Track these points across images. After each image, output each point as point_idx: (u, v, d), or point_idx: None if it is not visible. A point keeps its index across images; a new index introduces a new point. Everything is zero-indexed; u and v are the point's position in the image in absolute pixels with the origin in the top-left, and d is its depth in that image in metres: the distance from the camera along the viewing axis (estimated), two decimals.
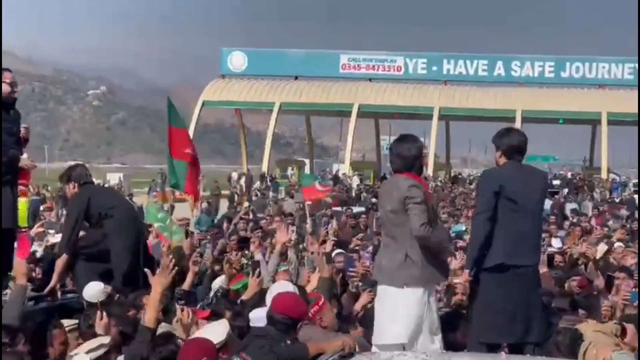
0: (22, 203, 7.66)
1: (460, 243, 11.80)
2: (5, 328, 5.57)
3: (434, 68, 51.45)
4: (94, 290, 6.84)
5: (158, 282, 5.61)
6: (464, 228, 14.76)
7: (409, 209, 5.93)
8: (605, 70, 49.70)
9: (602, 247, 10.70)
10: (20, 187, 7.62)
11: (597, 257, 10.15)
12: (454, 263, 9.16)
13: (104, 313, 6.10)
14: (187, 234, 12.64)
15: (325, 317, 6.36)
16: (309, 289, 7.39)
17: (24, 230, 8.79)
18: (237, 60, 52.71)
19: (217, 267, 9.68)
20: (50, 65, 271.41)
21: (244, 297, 7.13)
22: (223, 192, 38.72)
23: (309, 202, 15.46)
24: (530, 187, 6.43)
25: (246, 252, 11.00)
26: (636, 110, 42.40)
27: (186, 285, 7.57)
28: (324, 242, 10.37)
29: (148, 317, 5.45)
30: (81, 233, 8.07)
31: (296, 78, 52.12)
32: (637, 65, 48.42)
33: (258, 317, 5.72)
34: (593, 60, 50.93)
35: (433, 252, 6.02)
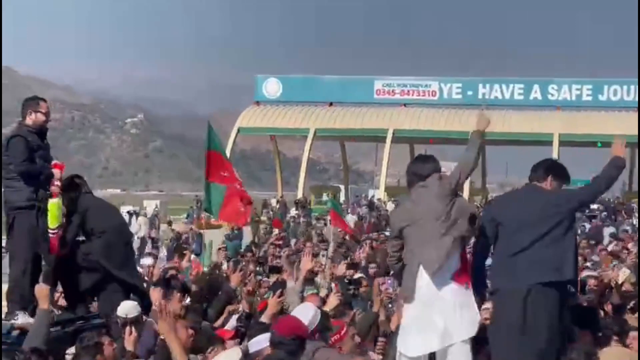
0: (53, 204, 7.69)
1: None
2: (36, 351, 5.69)
3: (469, 92, 51.14)
4: (127, 307, 6.98)
5: (162, 327, 5.67)
6: None
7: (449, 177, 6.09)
8: None
9: (625, 272, 10.62)
10: (53, 188, 7.69)
11: (620, 282, 10.07)
12: None
13: (133, 328, 6.22)
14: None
15: (345, 346, 6.36)
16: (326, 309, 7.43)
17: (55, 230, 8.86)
18: (272, 87, 52.91)
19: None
20: (88, 93, 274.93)
21: (264, 317, 7.13)
22: (262, 218, 38.84)
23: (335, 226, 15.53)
24: (527, 209, 6.25)
25: (258, 268, 11.04)
26: None
27: (218, 324, 7.65)
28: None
29: (175, 355, 5.52)
30: None
31: (331, 104, 52.09)
32: None
33: (256, 342, 5.76)
34: (631, 82, 50.23)
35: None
